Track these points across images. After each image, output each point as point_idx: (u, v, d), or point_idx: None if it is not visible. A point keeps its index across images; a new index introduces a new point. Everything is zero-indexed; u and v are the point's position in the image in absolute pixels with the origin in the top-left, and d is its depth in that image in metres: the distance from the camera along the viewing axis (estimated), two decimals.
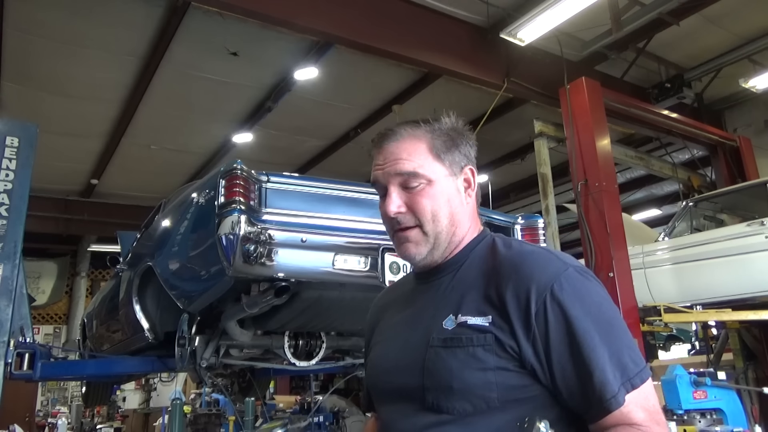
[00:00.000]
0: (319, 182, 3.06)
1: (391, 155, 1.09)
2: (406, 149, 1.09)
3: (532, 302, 0.95)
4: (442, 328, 1.02)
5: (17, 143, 3.42)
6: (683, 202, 6.36)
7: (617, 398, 0.90)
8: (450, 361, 0.98)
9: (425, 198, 1.07)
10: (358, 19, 5.51)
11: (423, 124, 1.11)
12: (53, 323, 12.82)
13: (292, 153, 9.36)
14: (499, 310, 0.98)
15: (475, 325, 0.98)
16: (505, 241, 1.11)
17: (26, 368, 3.35)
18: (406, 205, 1.08)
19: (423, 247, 1.08)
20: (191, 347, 3.12)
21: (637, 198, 10.66)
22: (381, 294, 1.37)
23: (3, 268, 3.15)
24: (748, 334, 6.38)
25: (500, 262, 1.04)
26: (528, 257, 1.02)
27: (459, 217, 1.10)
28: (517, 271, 1.00)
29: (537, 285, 0.96)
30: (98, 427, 8.46)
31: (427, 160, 1.08)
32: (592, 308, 0.96)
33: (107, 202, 10.93)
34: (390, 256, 2.92)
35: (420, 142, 1.09)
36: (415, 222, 1.07)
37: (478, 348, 0.97)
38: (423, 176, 1.07)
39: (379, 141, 1.12)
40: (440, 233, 1.08)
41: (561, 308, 0.94)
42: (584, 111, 6.00)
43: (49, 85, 6.93)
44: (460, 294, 1.05)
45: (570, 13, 5.32)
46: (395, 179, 1.08)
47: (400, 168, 1.07)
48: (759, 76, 7.11)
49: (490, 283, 1.02)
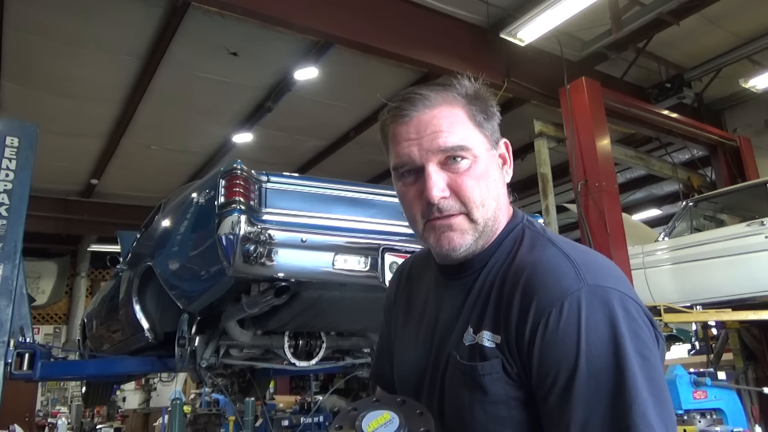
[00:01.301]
0: (319, 182, 3.06)
1: (427, 127, 0.88)
2: (446, 118, 0.88)
3: (527, 326, 0.80)
4: (460, 342, 0.90)
5: (17, 143, 3.42)
6: (683, 202, 6.36)
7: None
8: (462, 392, 0.87)
9: (473, 179, 0.88)
10: (358, 19, 5.51)
11: (450, 88, 0.92)
12: (53, 323, 12.82)
13: (292, 153, 9.36)
14: (505, 327, 0.84)
15: (486, 347, 0.85)
16: (531, 237, 0.93)
17: (26, 368, 3.36)
18: (449, 188, 0.88)
19: (469, 236, 0.90)
20: (191, 347, 3.12)
21: (637, 198, 10.65)
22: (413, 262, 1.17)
23: (3, 268, 3.15)
24: (748, 334, 6.38)
25: (514, 269, 0.88)
26: (540, 266, 0.84)
27: (502, 200, 0.94)
28: (524, 284, 0.84)
29: (537, 305, 0.80)
30: (98, 427, 8.46)
31: (469, 130, 0.89)
32: (595, 347, 0.75)
33: (107, 202, 10.93)
34: (390, 256, 2.92)
35: (457, 108, 0.90)
36: (460, 209, 0.88)
37: (485, 377, 0.84)
38: (470, 151, 0.88)
39: (402, 109, 0.90)
40: (488, 219, 0.90)
41: (552, 343, 0.77)
42: (584, 111, 6.00)
43: (49, 85, 6.93)
44: (479, 301, 0.91)
45: (570, 13, 5.32)
46: (436, 156, 0.88)
47: (443, 142, 0.87)
48: (759, 76, 7.11)
49: (502, 293, 0.87)
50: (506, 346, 0.83)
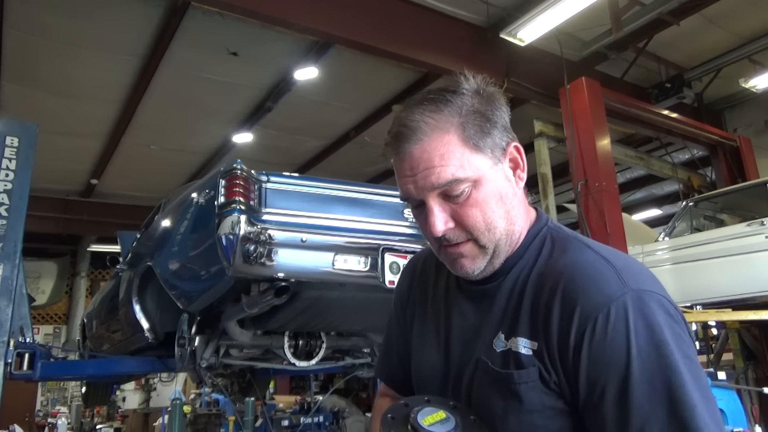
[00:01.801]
0: (319, 182, 3.06)
1: (419, 163, 0.86)
2: (436, 150, 0.85)
3: (572, 332, 0.78)
4: (491, 348, 0.88)
5: (17, 143, 3.42)
6: (683, 202, 6.36)
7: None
8: (494, 400, 0.86)
9: (474, 207, 0.87)
10: (358, 19, 5.51)
11: (444, 104, 0.88)
12: (53, 323, 12.82)
13: (292, 153, 9.36)
14: (544, 334, 0.82)
15: (522, 354, 0.84)
16: (561, 239, 0.92)
17: (26, 368, 3.36)
18: (453, 219, 0.88)
19: (480, 261, 0.90)
20: (191, 347, 3.12)
21: (637, 198, 10.66)
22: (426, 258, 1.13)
23: (3, 268, 3.15)
24: (748, 334, 6.38)
25: (549, 272, 0.86)
26: (581, 270, 0.83)
27: (515, 212, 0.91)
28: (564, 289, 0.82)
29: (581, 311, 0.79)
30: (98, 427, 8.46)
31: (464, 155, 0.86)
32: (645, 352, 0.74)
33: (107, 202, 10.93)
34: (390, 256, 2.93)
35: (449, 134, 0.86)
36: (467, 236, 0.88)
37: (521, 386, 0.82)
38: (466, 179, 0.86)
39: (396, 143, 0.88)
40: (499, 240, 0.89)
41: (601, 348, 0.76)
42: (584, 111, 6.00)
43: (49, 85, 6.93)
44: (510, 307, 0.89)
45: (570, 13, 5.32)
46: (432, 192, 0.87)
47: (435, 179, 0.85)
48: (759, 76, 7.11)
49: (538, 297, 0.85)
50: (545, 353, 0.82)
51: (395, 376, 1.14)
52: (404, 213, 3.14)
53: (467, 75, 0.91)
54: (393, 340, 1.16)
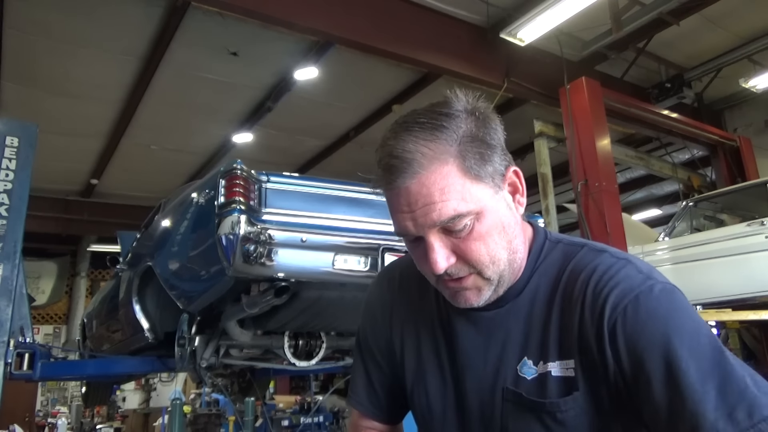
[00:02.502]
0: (319, 182, 3.06)
1: (417, 198, 0.79)
2: (436, 185, 0.78)
3: (605, 328, 0.77)
4: (518, 375, 0.84)
5: (17, 143, 3.41)
6: (683, 202, 6.36)
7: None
8: (536, 430, 0.82)
9: (477, 241, 0.82)
10: (358, 19, 5.51)
11: (440, 131, 0.80)
12: (53, 323, 12.82)
13: (292, 153, 9.36)
14: (582, 346, 0.79)
15: (559, 377, 0.80)
16: (571, 250, 0.89)
17: (26, 368, 3.35)
18: (454, 254, 0.82)
19: (486, 292, 0.86)
20: (191, 347, 3.12)
21: (637, 198, 10.66)
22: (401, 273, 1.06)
23: (3, 268, 3.15)
24: (748, 334, 6.38)
25: (570, 282, 0.84)
26: (604, 273, 0.82)
27: (518, 240, 0.87)
28: (592, 295, 0.80)
29: (611, 306, 0.78)
30: (98, 427, 8.46)
31: (465, 187, 0.80)
32: (684, 329, 0.74)
33: (107, 202, 10.93)
34: (390, 256, 2.92)
35: (447, 165, 0.79)
36: (470, 270, 0.84)
37: (567, 413, 0.79)
38: (468, 213, 0.80)
39: (390, 177, 0.81)
40: (504, 271, 0.85)
41: (636, 329, 0.75)
42: (584, 111, 6.00)
43: (49, 85, 6.93)
44: (532, 329, 0.86)
45: (570, 13, 5.32)
46: (433, 228, 0.81)
47: (437, 216, 0.79)
48: (759, 76, 7.12)
49: (565, 311, 0.83)
50: (587, 366, 0.79)
51: (382, 407, 1.06)
52: None
53: (458, 93, 0.84)
54: (369, 365, 1.06)
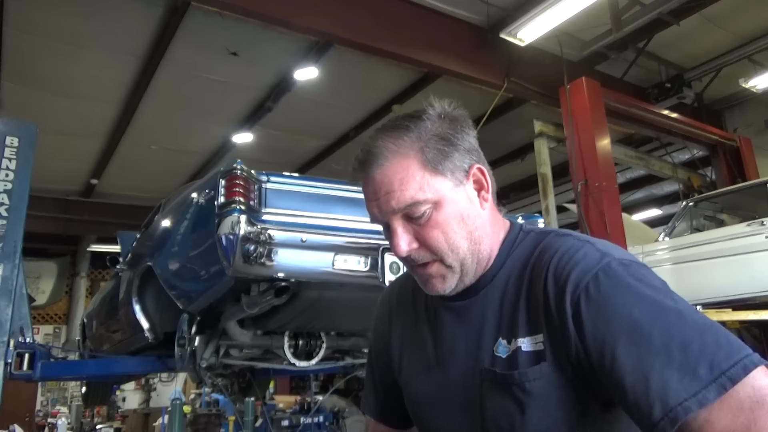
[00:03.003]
0: (319, 182, 3.06)
1: (380, 187, 0.91)
2: (396, 175, 0.89)
3: (567, 305, 0.81)
4: (494, 356, 0.89)
5: (17, 143, 3.41)
6: (683, 202, 6.36)
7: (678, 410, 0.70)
8: (509, 405, 0.86)
9: (435, 229, 0.90)
10: (358, 19, 5.51)
11: (406, 130, 0.92)
12: (53, 323, 12.83)
13: (292, 153, 9.36)
14: (548, 321, 0.84)
15: (529, 351, 0.85)
16: (537, 237, 0.95)
17: (26, 368, 3.35)
18: (417, 240, 0.91)
19: (451, 280, 0.93)
20: (191, 347, 3.12)
21: (637, 198, 10.66)
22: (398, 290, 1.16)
23: (3, 268, 3.15)
24: (748, 334, 6.38)
25: (537, 267, 0.89)
26: (564, 253, 0.87)
27: (480, 231, 0.94)
28: (554, 274, 0.85)
29: (572, 283, 0.82)
30: (98, 427, 8.46)
31: (424, 179, 0.89)
32: (642, 300, 0.78)
33: (107, 202, 10.93)
34: (390, 256, 2.92)
35: (408, 159, 0.90)
36: (432, 257, 0.92)
37: (535, 383, 0.84)
38: (426, 201, 0.89)
39: (361, 168, 0.94)
40: (465, 259, 0.92)
41: (597, 305, 0.79)
42: (584, 111, 6.01)
43: (49, 85, 6.93)
44: (504, 310, 0.91)
45: (570, 13, 5.32)
46: (395, 215, 0.91)
47: (395, 203, 0.89)
48: (759, 76, 7.12)
49: (534, 290, 0.88)
50: (551, 341, 0.83)
51: (384, 409, 1.15)
52: None
53: (433, 102, 0.95)
54: (376, 374, 1.16)
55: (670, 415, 0.70)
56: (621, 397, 0.76)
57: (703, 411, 0.70)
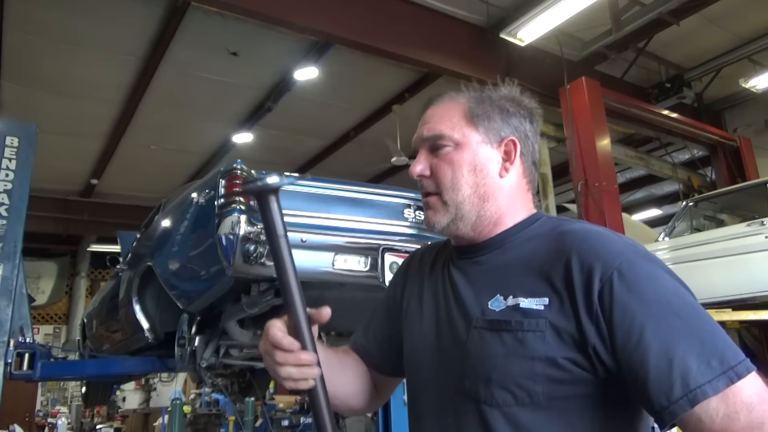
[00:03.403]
0: (319, 182, 3.06)
1: (424, 119, 1.06)
2: (439, 112, 1.04)
3: (595, 280, 0.85)
4: (488, 308, 0.94)
5: (17, 143, 3.41)
6: (683, 202, 6.35)
7: (698, 392, 0.77)
8: (494, 347, 0.90)
9: (447, 164, 1.00)
10: (358, 19, 5.51)
11: (473, 90, 1.06)
12: (53, 323, 12.83)
13: (292, 153, 9.36)
14: (559, 290, 0.88)
15: (528, 308, 0.89)
16: (565, 221, 1.02)
17: (26, 368, 3.35)
18: (430, 169, 1.02)
19: (442, 216, 1.01)
20: (191, 347, 3.12)
21: (637, 198, 10.66)
22: (418, 253, 1.22)
23: (3, 268, 3.14)
24: (748, 334, 6.38)
25: (561, 239, 0.94)
26: (592, 234, 0.93)
27: (488, 190, 1.00)
28: (580, 248, 0.90)
29: (602, 263, 0.86)
30: (98, 427, 8.47)
31: (459, 123, 1.02)
32: (669, 290, 0.84)
33: (107, 202, 10.93)
34: (390, 256, 2.92)
35: (456, 105, 1.04)
36: (435, 189, 1.02)
37: (528, 333, 0.88)
38: (449, 138, 1.01)
39: (423, 107, 1.09)
40: (461, 203, 0.99)
41: (630, 286, 0.84)
42: (584, 111, 6.00)
43: (49, 85, 6.93)
44: (510, 274, 0.95)
45: (570, 13, 5.32)
46: (424, 143, 1.04)
47: (426, 132, 1.03)
48: (759, 76, 7.12)
49: (548, 261, 0.92)
50: (560, 306, 0.87)
51: (366, 351, 1.20)
52: (404, 213, 3.13)
53: (514, 86, 1.10)
54: (374, 320, 1.22)
55: (689, 395, 0.77)
56: (640, 373, 0.81)
57: (714, 398, 0.77)
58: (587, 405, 0.87)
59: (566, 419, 0.87)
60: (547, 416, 0.87)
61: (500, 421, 0.88)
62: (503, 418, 0.88)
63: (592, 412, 0.87)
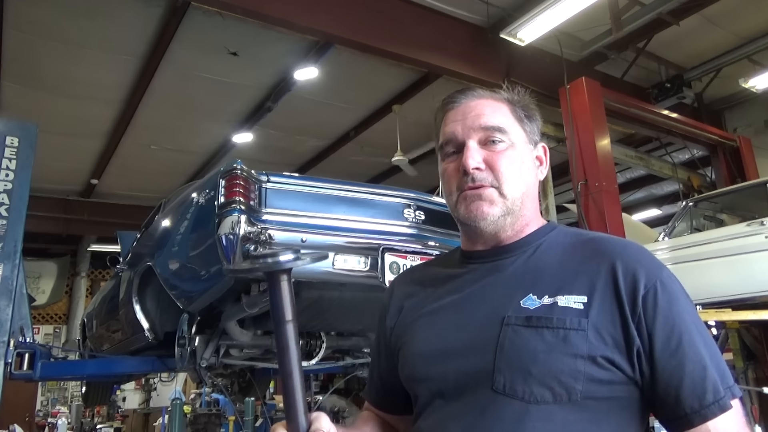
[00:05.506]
0: (319, 182, 3.06)
1: (471, 110, 1.01)
2: (490, 106, 1.02)
3: (641, 284, 0.89)
4: (520, 307, 0.92)
5: (17, 143, 3.41)
6: (683, 202, 6.35)
7: (725, 400, 0.85)
8: (533, 343, 0.89)
9: (507, 159, 0.99)
10: (358, 19, 5.51)
11: (505, 92, 1.06)
12: (53, 323, 12.82)
13: (292, 153, 9.36)
14: (600, 291, 0.90)
15: (568, 307, 0.89)
16: (577, 229, 1.05)
17: (26, 368, 3.36)
18: (485, 162, 0.99)
19: (497, 208, 0.98)
20: (191, 347, 3.12)
21: (637, 198, 10.66)
22: (401, 277, 1.22)
23: (3, 268, 3.15)
24: (748, 334, 6.37)
25: (597, 245, 0.97)
26: (630, 243, 0.97)
27: (529, 191, 1.02)
28: (623, 253, 0.93)
29: (646, 271, 0.90)
30: (98, 427, 8.46)
31: (511, 120, 1.02)
32: (693, 309, 0.92)
33: (107, 202, 10.93)
34: (390, 256, 2.92)
35: (502, 103, 1.03)
36: (492, 182, 0.98)
37: (570, 331, 0.87)
38: (508, 135, 1.00)
39: (453, 99, 1.04)
40: (516, 199, 0.99)
41: (670, 297, 0.89)
42: (584, 111, 6.00)
43: (49, 85, 6.93)
44: (542, 275, 0.95)
45: (570, 13, 5.32)
46: (477, 134, 1.00)
47: (484, 122, 1.00)
48: (759, 76, 7.11)
49: (585, 263, 0.94)
50: (601, 306, 0.89)
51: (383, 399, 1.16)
52: (404, 213, 3.13)
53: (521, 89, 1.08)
54: (379, 363, 1.17)
55: (720, 402, 0.84)
56: (674, 377, 0.86)
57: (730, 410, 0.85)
58: (616, 408, 0.89)
59: (596, 421, 0.87)
60: (581, 416, 0.87)
61: (534, 417, 0.86)
62: (538, 414, 0.86)
63: (618, 417, 0.89)
